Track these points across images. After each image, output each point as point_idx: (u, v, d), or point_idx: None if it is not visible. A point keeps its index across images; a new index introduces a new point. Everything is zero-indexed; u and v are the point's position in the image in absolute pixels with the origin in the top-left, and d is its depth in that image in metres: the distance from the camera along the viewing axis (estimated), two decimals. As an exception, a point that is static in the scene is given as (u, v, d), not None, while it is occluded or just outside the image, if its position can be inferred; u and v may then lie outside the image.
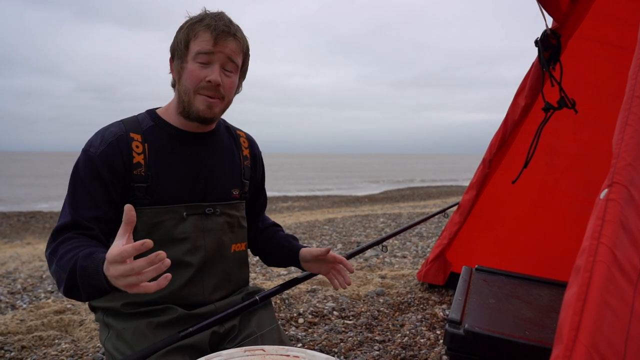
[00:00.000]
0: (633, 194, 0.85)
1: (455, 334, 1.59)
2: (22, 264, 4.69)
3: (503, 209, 2.90)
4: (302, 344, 2.20)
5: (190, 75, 1.28)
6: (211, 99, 1.30)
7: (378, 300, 2.83)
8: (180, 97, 1.32)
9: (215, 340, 1.38)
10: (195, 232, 1.35)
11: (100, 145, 1.27)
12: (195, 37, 1.27)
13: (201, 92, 1.29)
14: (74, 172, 1.28)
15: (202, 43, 1.26)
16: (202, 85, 1.28)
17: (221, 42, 1.27)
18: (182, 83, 1.30)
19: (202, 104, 1.29)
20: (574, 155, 2.68)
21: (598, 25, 2.31)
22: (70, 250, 1.14)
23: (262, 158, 1.63)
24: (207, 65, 1.28)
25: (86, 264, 1.06)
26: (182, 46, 1.28)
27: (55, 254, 1.16)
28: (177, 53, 1.30)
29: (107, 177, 1.26)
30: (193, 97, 1.29)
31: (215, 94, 1.30)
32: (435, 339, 2.27)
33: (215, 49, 1.27)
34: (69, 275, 1.09)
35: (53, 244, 1.20)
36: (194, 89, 1.28)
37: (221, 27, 1.27)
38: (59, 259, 1.14)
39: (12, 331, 2.29)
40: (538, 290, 2.10)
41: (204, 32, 1.26)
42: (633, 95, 0.98)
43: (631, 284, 0.79)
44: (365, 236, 5.64)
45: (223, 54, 1.28)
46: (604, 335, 0.72)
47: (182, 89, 1.30)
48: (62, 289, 1.13)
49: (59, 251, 1.16)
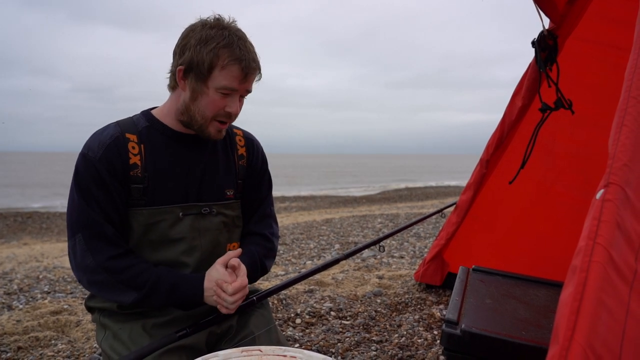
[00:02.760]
0: (629, 194, 0.85)
1: (452, 334, 1.59)
2: (18, 264, 4.68)
3: (500, 210, 2.91)
4: (300, 344, 2.20)
5: (212, 104, 1.27)
6: (224, 125, 1.33)
7: (375, 300, 2.83)
8: (191, 115, 1.31)
9: (212, 341, 1.38)
10: (192, 232, 1.35)
11: (99, 149, 1.27)
12: (223, 68, 1.23)
13: (218, 119, 1.31)
14: (78, 179, 1.27)
15: (230, 79, 1.25)
16: (220, 113, 1.30)
17: (249, 79, 1.28)
18: (199, 106, 1.29)
19: (214, 129, 1.33)
20: (570, 156, 2.69)
21: (595, 26, 2.32)
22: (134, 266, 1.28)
23: (263, 153, 1.58)
24: (228, 96, 1.28)
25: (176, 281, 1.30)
26: (205, 69, 1.24)
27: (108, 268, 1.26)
28: (196, 71, 1.25)
29: (109, 181, 1.26)
30: (209, 122, 1.31)
31: (229, 120, 1.34)
32: (432, 339, 2.27)
33: (240, 87, 1.27)
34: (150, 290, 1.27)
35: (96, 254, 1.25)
36: (212, 116, 1.30)
37: (251, 64, 1.25)
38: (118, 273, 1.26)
39: (8, 332, 2.28)
40: (534, 291, 2.10)
41: (233, 65, 1.23)
42: (629, 96, 0.98)
43: (627, 284, 0.79)
44: (363, 236, 5.64)
45: (245, 88, 1.30)
46: (600, 335, 0.73)
47: (197, 111, 1.29)
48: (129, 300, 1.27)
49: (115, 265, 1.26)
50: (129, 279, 1.26)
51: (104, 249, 1.26)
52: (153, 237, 1.32)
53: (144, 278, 1.26)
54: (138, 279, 1.26)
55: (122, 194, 1.29)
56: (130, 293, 1.26)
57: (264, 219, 1.55)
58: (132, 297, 1.26)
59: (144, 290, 1.26)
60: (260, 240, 1.50)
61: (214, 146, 1.44)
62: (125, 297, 1.26)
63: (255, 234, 1.52)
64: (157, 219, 1.31)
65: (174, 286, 1.28)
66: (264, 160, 1.57)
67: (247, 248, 1.44)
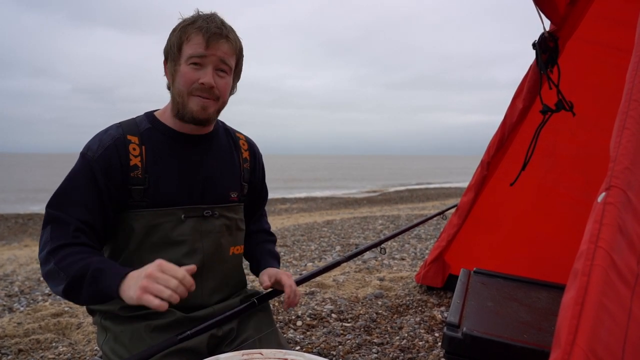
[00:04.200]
0: (630, 197, 0.85)
1: (454, 337, 1.59)
2: (19, 266, 4.68)
3: (501, 211, 2.91)
4: (301, 346, 2.20)
5: (183, 77, 1.28)
6: (205, 100, 1.30)
7: (376, 302, 2.82)
8: (174, 99, 1.33)
9: (213, 344, 1.38)
10: (193, 234, 1.35)
11: (98, 149, 1.27)
12: (188, 40, 1.27)
13: (195, 93, 1.29)
14: (71, 176, 1.28)
15: (194, 46, 1.27)
16: (195, 87, 1.28)
17: (213, 45, 1.27)
18: (176, 85, 1.30)
19: (196, 105, 1.30)
20: (572, 158, 2.69)
21: (596, 27, 2.31)
22: (76, 253, 1.18)
23: (262, 160, 1.62)
24: (200, 67, 1.28)
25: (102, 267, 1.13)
26: (175, 49, 1.29)
27: (55, 255, 1.19)
28: (171, 56, 1.31)
29: (103, 184, 1.25)
30: (187, 98, 1.30)
31: (209, 95, 1.30)
32: (433, 342, 2.27)
33: (207, 52, 1.27)
34: (76, 276, 1.14)
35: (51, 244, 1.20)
36: (188, 90, 1.29)
37: (213, 29, 1.27)
38: (60, 260, 1.17)
39: (9, 334, 2.28)
40: (536, 293, 2.09)
41: (196, 34, 1.26)
42: (630, 99, 0.98)
43: (629, 287, 0.79)
44: (364, 238, 5.63)
45: (215, 56, 1.28)
46: (602, 338, 0.72)
47: (175, 91, 1.31)
48: (60, 288, 1.16)
49: (60, 252, 1.19)
50: (66, 266, 1.15)
51: (59, 238, 1.20)
52: (154, 240, 1.31)
53: (77, 265, 1.15)
54: (74, 264, 1.15)
55: (115, 199, 1.28)
56: (64, 280, 1.15)
57: (261, 218, 1.71)
58: (63, 284, 1.15)
59: (71, 277, 1.14)
60: (267, 237, 1.67)
61: (218, 147, 1.44)
62: (60, 285, 1.16)
63: (259, 231, 1.67)
64: (159, 221, 1.31)
65: (97, 272, 1.13)
66: (264, 167, 1.63)
67: (266, 248, 1.62)
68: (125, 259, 1.32)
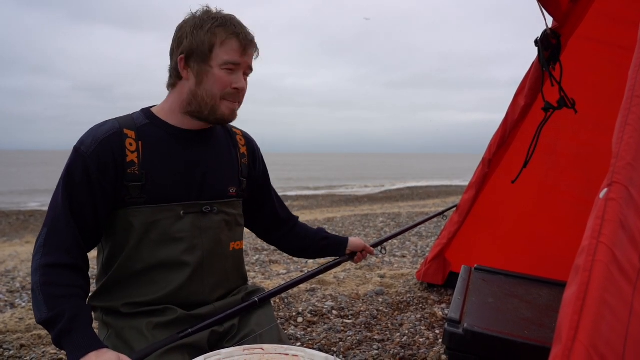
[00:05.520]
0: (632, 193, 0.85)
1: (455, 333, 1.59)
2: (21, 262, 4.69)
3: (502, 209, 2.91)
4: (302, 343, 2.20)
5: (219, 82, 1.30)
6: (235, 104, 1.35)
7: (377, 299, 2.83)
8: (199, 101, 1.31)
9: (215, 340, 1.38)
10: (193, 230, 1.35)
11: (92, 144, 1.25)
12: (222, 44, 1.28)
13: (227, 97, 1.32)
14: (66, 174, 1.26)
15: (231, 52, 1.29)
16: (228, 91, 1.32)
17: (248, 53, 1.32)
18: (206, 87, 1.30)
19: (227, 109, 1.34)
20: (573, 155, 2.68)
21: (598, 25, 2.31)
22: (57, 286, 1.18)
23: (262, 155, 1.62)
24: (232, 72, 1.31)
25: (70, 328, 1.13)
26: (206, 49, 1.27)
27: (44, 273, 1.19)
28: (198, 55, 1.28)
29: (96, 180, 1.24)
30: (219, 102, 1.32)
31: (238, 99, 1.36)
32: (434, 338, 2.27)
33: (242, 60, 1.31)
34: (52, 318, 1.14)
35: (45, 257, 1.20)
36: (221, 94, 1.31)
37: (248, 36, 1.31)
38: (45, 284, 1.17)
39: (11, 329, 2.29)
40: (537, 290, 2.10)
41: (231, 40, 1.28)
42: (633, 95, 0.98)
43: (630, 283, 0.79)
44: (365, 235, 5.64)
45: (247, 63, 1.34)
46: (603, 334, 0.72)
47: (205, 93, 1.30)
48: (38, 318, 1.16)
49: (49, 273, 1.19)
50: (45, 298, 1.16)
51: (54, 253, 1.20)
52: (154, 236, 1.31)
53: (57, 303, 1.15)
54: (53, 300, 1.15)
55: (109, 195, 1.27)
56: (42, 310, 1.16)
57: (284, 205, 1.73)
58: (41, 316, 1.15)
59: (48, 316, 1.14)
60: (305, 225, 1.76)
61: (216, 143, 1.44)
62: (38, 312, 1.16)
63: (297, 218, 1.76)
64: (158, 217, 1.31)
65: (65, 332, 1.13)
66: (264, 161, 1.64)
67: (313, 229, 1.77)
68: (126, 255, 1.32)
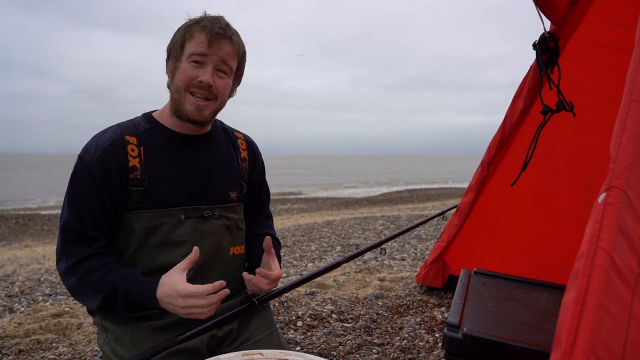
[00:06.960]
0: (631, 197, 0.85)
1: (454, 338, 1.58)
2: (20, 266, 4.68)
3: (502, 212, 2.91)
4: (301, 347, 2.20)
5: (183, 73, 1.29)
6: (201, 102, 1.31)
7: (377, 303, 2.82)
8: (172, 96, 1.34)
9: (214, 344, 1.38)
10: (194, 235, 1.35)
11: (96, 152, 1.28)
12: (191, 38, 1.29)
13: (192, 90, 1.30)
14: (72, 181, 1.29)
15: (196, 44, 1.28)
16: (193, 84, 1.29)
17: (216, 44, 1.28)
18: (174, 81, 1.32)
19: (191, 106, 1.30)
20: (572, 158, 2.68)
21: (596, 28, 2.31)
22: (97, 270, 1.24)
23: (262, 159, 1.62)
24: (200, 66, 1.29)
25: (129, 288, 1.22)
26: (178, 46, 1.30)
27: (75, 272, 1.25)
28: (173, 53, 1.32)
29: (102, 186, 1.27)
30: (184, 95, 1.30)
31: (207, 94, 1.31)
32: (434, 342, 2.27)
33: (209, 51, 1.28)
34: (107, 295, 1.23)
35: (68, 259, 1.25)
36: (185, 86, 1.30)
37: (217, 29, 1.28)
38: (83, 277, 1.24)
39: (9, 334, 2.28)
40: (536, 294, 2.09)
41: (199, 33, 1.28)
42: (630, 99, 0.98)
43: (629, 288, 0.79)
44: (364, 238, 5.63)
45: (217, 56, 1.29)
46: (602, 339, 0.72)
47: (174, 87, 1.32)
48: (94, 306, 1.25)
49: (80, 269, 1.24)
50: (92, 283, 1.24)
51: (75, 252, 1.26)
52: (155, 241, 1.31)
53: (104, 282, 1.23)
54: (99, 283, 1.23)
55: (115, 200, 1.29)
56: (95, 298, 1.24)
57: (266, 220, 1.65)
58: (96, 302, 1.24)
59: (103, 295, 1.23)
60: (273, 242, 1.58)
61: (217, 147, 1.44)
62: (92, 302, 1.25)
63: (265, 235, 1.54)
64: (159, 221, 1.31)
65: (127, 293, 1.23)
66: (263, 164, 1.62)
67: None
68: (127, 259, 1.32)
